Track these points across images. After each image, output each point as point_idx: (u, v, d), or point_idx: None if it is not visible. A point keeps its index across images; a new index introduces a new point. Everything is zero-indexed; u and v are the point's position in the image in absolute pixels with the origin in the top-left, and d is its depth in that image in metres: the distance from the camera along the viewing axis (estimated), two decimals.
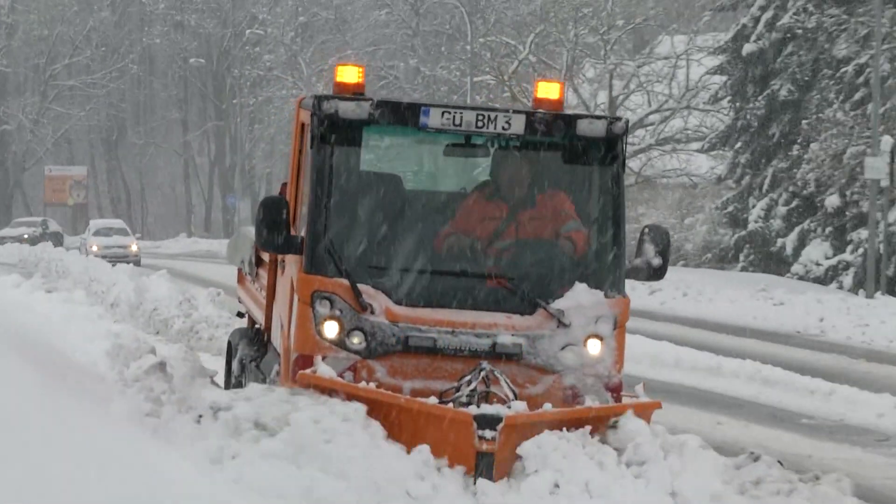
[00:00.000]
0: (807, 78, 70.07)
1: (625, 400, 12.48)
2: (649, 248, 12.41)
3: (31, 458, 13.30)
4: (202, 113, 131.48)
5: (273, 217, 11.64)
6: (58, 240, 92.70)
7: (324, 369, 11.47)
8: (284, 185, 14.09)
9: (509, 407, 11.03)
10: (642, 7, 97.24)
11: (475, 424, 10.75)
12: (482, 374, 11.33)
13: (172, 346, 27.47)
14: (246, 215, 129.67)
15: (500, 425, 10.68)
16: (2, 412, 15.33)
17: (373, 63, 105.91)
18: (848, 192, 64.24)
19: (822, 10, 66.56)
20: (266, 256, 15.58)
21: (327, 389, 11.45)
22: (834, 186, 64.68)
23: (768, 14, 69.29)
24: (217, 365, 24.88)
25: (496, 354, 11.73)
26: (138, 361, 22.84)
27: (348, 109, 11.55)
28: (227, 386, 16.10)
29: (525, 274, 12.35)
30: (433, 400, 11.52)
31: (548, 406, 11.54)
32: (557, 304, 11.90)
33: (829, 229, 68.57)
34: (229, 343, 16.85)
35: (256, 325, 15.30)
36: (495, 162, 13.15)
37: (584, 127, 12.12)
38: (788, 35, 68.81)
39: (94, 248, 71.93)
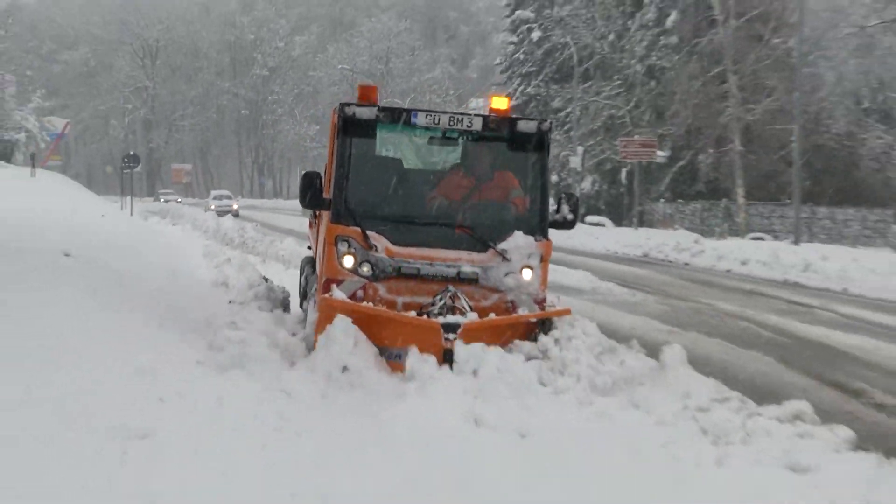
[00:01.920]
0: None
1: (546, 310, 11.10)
2: (565, 208, 11.39)
3: (164, 300, 13.26)
4: (248, 137, 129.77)
5: (310, 184, 10.62)
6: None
7: (338, 294, 10.20)
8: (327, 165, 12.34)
9: (465, 316, 10.03)
10: (462, 83, 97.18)
11: (442, 330, 9.80)
12: (449, 294, 10.26)
13: (234, 251, 27.30)
14: (269, 188, 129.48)
15: (459, 330, 9.80)
16: (150, 278, 15.22)
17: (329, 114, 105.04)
18: (562, 174, 64.14)
19: (549, 86, 66.06)
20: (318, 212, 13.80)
21: (341, 307, 10.00)
22: (554, 171, 64.58)
23: (521, 87, 68.82)
24: (255, 261, 24.81)
25: (460, 279, 10.58)
26: (217, 258, 23.20)
27: (362, 112, 10.64)
28: (300, 294, 14.38)
29: (481, 225, 10.94)
30: (413, 313, 10.24)
31: (492, 315, 10.41)
32: (502, 246, 10.69)
33: (552, 192, 68.83)
34: (301, 266, 14.93)
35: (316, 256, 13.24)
36: (462, 149, 11.66)
37: (522, 126, 11.11)
38: (532, 98, 68.50)
39: (213, 207, 66.40)
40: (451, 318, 9.93)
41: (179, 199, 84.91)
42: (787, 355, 14.37)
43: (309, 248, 15.00)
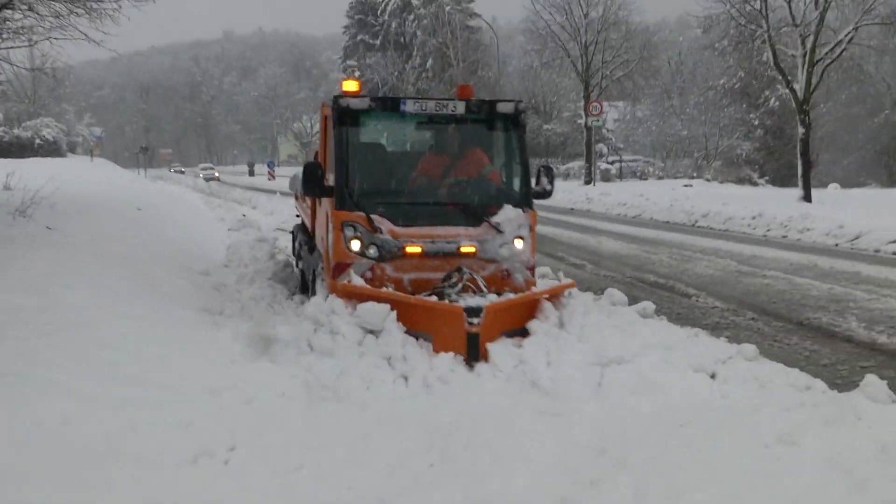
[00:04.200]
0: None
1: (550, 282, 7.25)
2: (544, 180, 7.04)
3: (195, 231, 12.51)
4: (202, 134, 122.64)
5: (312, 175, 6.57)
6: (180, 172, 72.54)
7: (356, 280, 6.21)
8: (316, 152, 8.18)
9: (484, 295, 6.14)
10: (318, 100, 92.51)
11: (465, 314, 5.76)
12: (466, 276, 6.32)
13: (219, 199, 25.86)
14: (215, 161, 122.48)
15: (483, 313, 5.78)
16: (182, 218, 14.32)
17: None
18: None
19: None
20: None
21: (359, 293, 5.98)
22: None
23: None
24: (220, 202, 23.56)
25: (459, 254, 6.54)
26: (212, 204, 21.62)
27: (355, 103, 6.61)
28: (293, 253, 10.16)
29: (472, 201, 6.82)
30: (434, 298, 6.10)
31: (509, 295, 6.27)
32: (495, 219, 6.66)
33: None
34: (292, 232, 10.48)
35: (305, 225, 9.02)
36: (449, 132, 7.19)
37: (501, 107, 6.89)
38: None
39: (201, 175, 53.89)
40: (471, 301, 5.99)
41: (183, 170, 73.58)
42: None
43: (298, 216, 10.51)
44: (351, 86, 6.82)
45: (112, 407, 4.01)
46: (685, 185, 31.49)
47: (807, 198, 21.84)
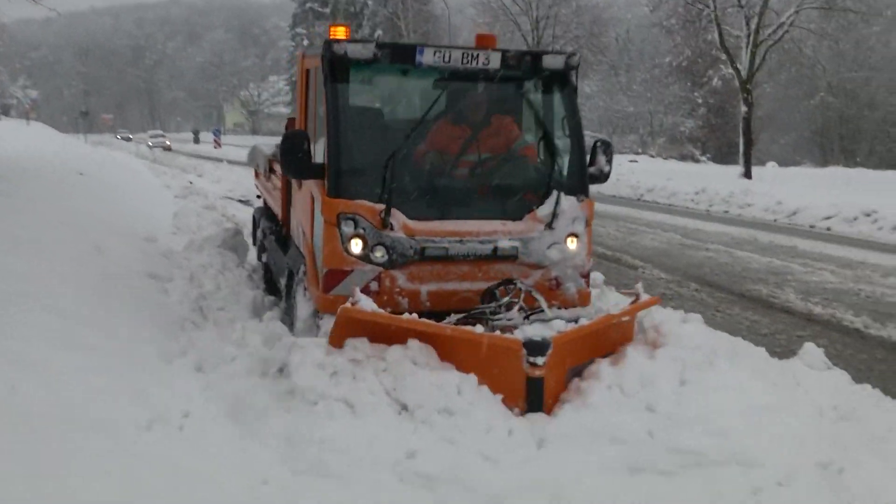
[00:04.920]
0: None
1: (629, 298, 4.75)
2: (601, 158, 4.98)
3: (145, 197, 12.15)
4: (145, 100, 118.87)
5: (297, 149, 4.58)
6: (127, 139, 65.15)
7: (366, 303, 3.92)
8: (291, 119, 6.10)
9: (547, 321, 4.20)
10: (264, 68, 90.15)
11: (524, 351, 3.80)
12: (523, 291, 4.48)
13: (166, 167, 25.16)
14: (158, 126, 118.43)
15: (549, 351, 3.80)
16: (133, 187, 13.91)
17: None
18: None
19: None
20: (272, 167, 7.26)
21: (372, 322, 3.92)
22: None
23: None
24: (168, 167, 22.86)
25: (496, 257, 4.68)
26: (158, 171, 21.00)
27: (356, 50, 4.53)
28: (254, 243, 8.41)
29: (513, 187, 4.92)
30: (480, 329, 4.11)
31: (583, 321, 4.20)
32: (544, 210, 4.77)
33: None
34: (253, 217, 8.70)
35: (271, 209, 7.29)
36: (481, 93, 5.02)
37: (548, 61, 4.79)
38: None
39: (150, 143, 48.62)
40: (530, 330, 4.10)
41: (130, 136, 67.86)
42: None
43: (259, 196, 8.70)
44: (340, 33, 4.87)
45: (62, 374, 3.88)
46: (631, 161, 31.95)
47: (747, 175, 22.43)
